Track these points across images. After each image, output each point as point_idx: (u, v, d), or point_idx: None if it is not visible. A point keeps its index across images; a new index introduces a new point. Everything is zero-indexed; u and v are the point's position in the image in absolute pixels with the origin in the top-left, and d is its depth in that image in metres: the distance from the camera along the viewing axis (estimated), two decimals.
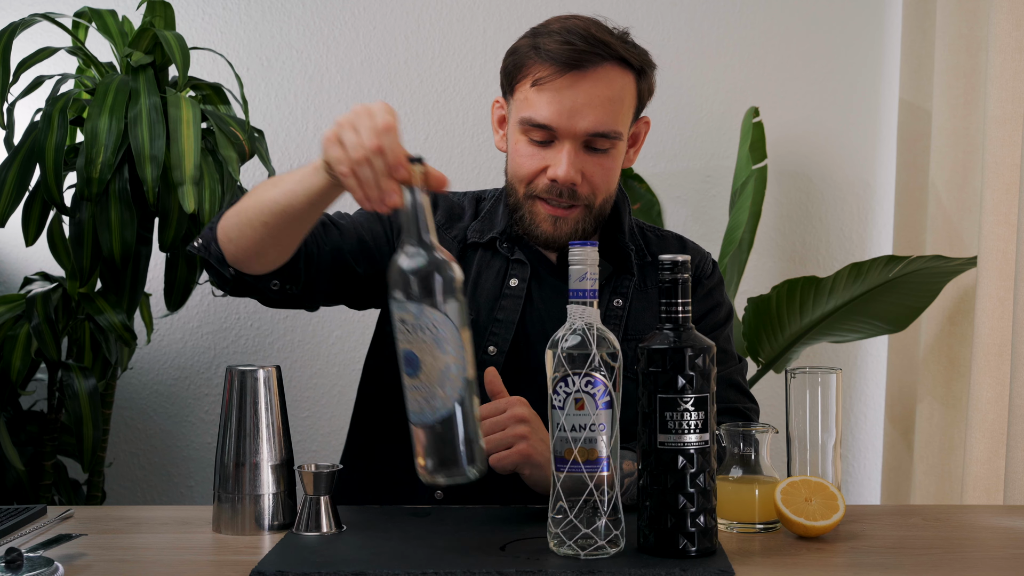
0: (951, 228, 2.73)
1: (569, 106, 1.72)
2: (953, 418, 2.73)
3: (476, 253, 1.88)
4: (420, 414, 1.36)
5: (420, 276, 1.35)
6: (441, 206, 1.93)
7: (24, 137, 2.44)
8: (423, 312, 1.34)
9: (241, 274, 1.71)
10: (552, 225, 1.78)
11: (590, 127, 1.73)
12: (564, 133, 1.73)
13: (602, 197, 1.79)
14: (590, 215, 1.79)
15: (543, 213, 1.78)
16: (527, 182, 1.78)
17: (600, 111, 1.73)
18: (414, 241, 1.37)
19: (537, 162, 1.76)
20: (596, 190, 1.78)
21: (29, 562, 1.33)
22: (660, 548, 1.38)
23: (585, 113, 1.72)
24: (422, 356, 1.34)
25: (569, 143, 1.74)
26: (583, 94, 1.72)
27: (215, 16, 3.03)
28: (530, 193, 1.78)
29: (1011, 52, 2.45)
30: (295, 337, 3.05)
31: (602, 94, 1.73)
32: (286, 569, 1.34)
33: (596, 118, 1.73)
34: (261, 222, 1.61)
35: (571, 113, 1.72)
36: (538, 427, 1.60)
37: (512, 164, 1.81)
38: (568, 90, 1.72)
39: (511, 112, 1.81)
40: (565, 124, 1.73)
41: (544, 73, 1.73)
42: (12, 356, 2.45)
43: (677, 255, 1.41)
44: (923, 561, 1.40)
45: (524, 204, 1.80)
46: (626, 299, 1.84)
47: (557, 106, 1.72)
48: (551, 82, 1.73)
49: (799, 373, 1.63)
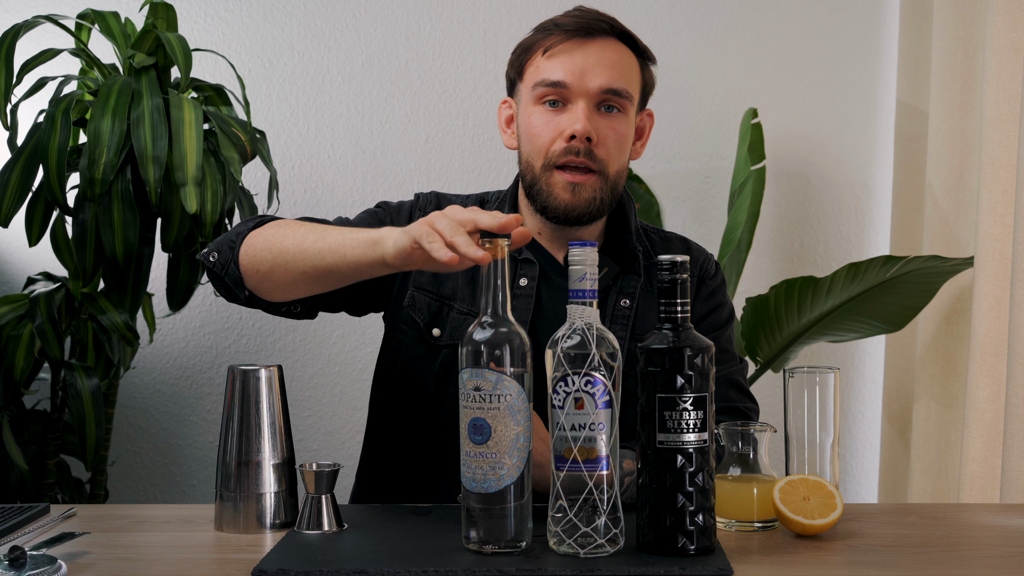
0: (948, 228, 2.74)
1: (580, 64, 1.78)
2: (950, 417, 2.74)
3: None
4: (482, 482, 1.38)
5: (500, 347, 1.38)
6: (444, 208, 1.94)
7: (27, 138, 2.45)
8: (501, 381, 1.37)
9: (255, 297, 1.75)
10: (571, 193, 1.79)
11: (603, 83, 1.78)
12: (577, 91, 1.78)
13: (615, 167, 1.81)
14: (606, 184, 1.80)
15: (561, 181, 1.79)
16: (545, 151, 1.80)
17: (610, 70, 1.79)
18: (495, 312, 1.41)
19: (552, 129, 1.79)
20: (609, 155, 1.80)
21: (32, 560, 1.33)
22: (659, 546, 1.39)
23: (597, 72, 1.78)
24: (494, 424, 1.37)
25: (583, 102, 1.78)
26: (593, 55, 1.79)
27: (217, 18, 3.04)
28: (548, 163, 1.80)
29: (1007, 53, 2.45)
30: (296, 337, 3.06)
31: (610, 57, 1.80)
32: (288, 567, 1.34)
33: (607, 76, 1.78)
34: (300, 270, 1.66)
35: (582, 72, 1.78)
36: (538, 427, 1.61)
37: (528, 138, 1.82)
38: (578, 51, 1.79)
39: (522, 94, 1.85)
40: (577, 82, 1.78)
41: (553, 41, 1.80)
42: (16, 356, 2.46)
43: (676, 255, 1.42)
44: (920, 559, 1.40)
45: (541, 178, 1.81)
46: (633, 299, 1.85)
47: (569, 65, 1.78)
48: (561, 46, 1.79)
49: (797, 372, 1.63)
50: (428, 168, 3.05)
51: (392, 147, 3.05)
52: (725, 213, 2.98)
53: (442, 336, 1.83)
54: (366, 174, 3.05)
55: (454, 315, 1.84)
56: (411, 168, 3.05)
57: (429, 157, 3.05)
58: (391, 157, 3.05)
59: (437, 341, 1.84)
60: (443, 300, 1.85)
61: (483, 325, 1.40)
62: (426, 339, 1.84)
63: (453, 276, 1.86)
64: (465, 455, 1.40)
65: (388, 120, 3.05)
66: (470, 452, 1.39)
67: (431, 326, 1.84)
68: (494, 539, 1.39)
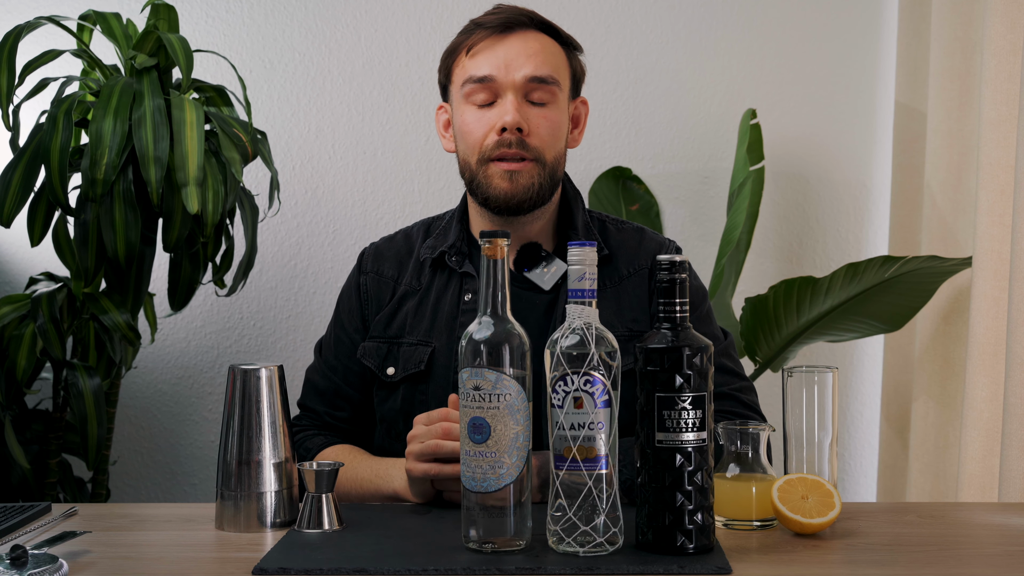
0: (946, 229, 2.74)
1: (503, 58, 1.82)
2: (948, 417, 2.74)
3: (435, 277, 1.91)
4: (482, 481, 1.39)
5: (500, 346, 1.39)
6: (387, 257, 1.97)
7: (29, 139, 2.46)
8: (500, 380, 1.38)
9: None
10: (508, 181, 1.81)
11: (528, 72, 1.81)
12: (504, 84, 1.81)
13: (551, 153, 1.83)
14: (543, 171, 1.82)
15: (498, 172, 1.82)
16: (479, 147, 1.83)
17: (534, 59, 1.82)
18: (493, 312, 1.41)
19: (484, 125, 1.82)
20: (543, 143, 1.82)
21: (34, 559, 1.33)
22: (658, 545, 1.39)
23: (520, 63, 1.82)
24: (493, 424, 1.38)
25: (511, 93, 1.81)
26: (515, 48, 1.83)
27: (218, 19, 3.05)
28: (483, 157, 1.82)
29: (1005, 54, 2.45)
30: (297, 336, 3.06)
31: (533, 47, 1.83)
32: (288, 566, 1.35)
33: (532, 65, 1.82)
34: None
35: (507, 64, 1.82)
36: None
37: (462, 136, 1.85)
38: (500, 46, 1.83)
39: (453, 96, 1.88)
40: (503, 74, 1.81)
41: (475, 39, 1.84)
42: (18, 355, 2.46)
43: (674, 256, 1.43)
44: (918, 558, 1.41)
45: (479, 171, 1.83)
46: None
47: (493, 60, 1.82)
48: (483, 43, 1.83)
49: (796, 372, 1.64)
50: (428, 169, 3.05)
51: (392, 148, 3.06)
52: (724, 213, 2.99)
53: (396, 372, 1.87)
54: (367, 174, 3.06)
55: (404, 348, 1.88)
56: (411, 169, 3.06)
57: (429, 158, 3.06)
58: (391, 158, 3.06)
59: (392, 379, 1.87)
60: (391, 340, 1.90)
61: (483, 324, 1.41)
62: (384, 381, 1.88)
63: (401, 316, 1.90)
64: (465, 454, 1.41)
65: (388, 121, 3.06)
66: (470, 451, 1.40)
67: (384, 367, 1.88)
68: (494, 538, 1.39)
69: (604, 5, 3.02)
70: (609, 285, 1.88)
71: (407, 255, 1.96)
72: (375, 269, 1.96)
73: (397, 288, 1.93)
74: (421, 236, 1.97)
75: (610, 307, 1.85)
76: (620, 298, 1.87)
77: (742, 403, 1.84)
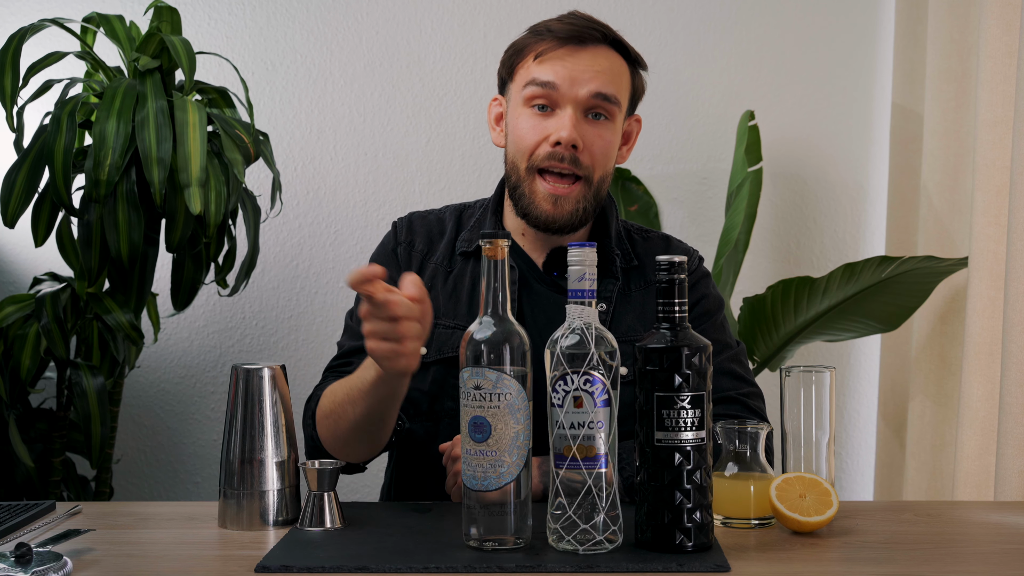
0: (943, 229, 2.75)
1: (571, 71, 1.80)
2: (945, 416, 2.75)
3: (468, 264, 1.91)
4: (482, 480, 1.40)
5: (500, 345, 1.40)
6: (419, 231, 1.96)
7: (33, 140, 2.46)
8: (501, 379, 1.39)
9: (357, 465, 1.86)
10: (552, 204, 1.81)
11: (592, 90, 1.80)
12: (565, 97, 1.80)
13: (600, 173, 1.83)
14: (589, 191, 1.82)
15: (543, 192, 1.81)
16: (529, 153, 1.82)
17: (600, 77, 1.81)
18: (495, 312, 1.42)
19: (539, 132, 1.81)
20: (595, 161, 1.82)
21: (38, 557, 1.34)
22: (657, 543, 1.40)
23: (586, 79, 1.80)
24: (494, 423, 1.39)
25: (571, 107, 1.80)
26: (583, 63, 1.81)
27: (221, 21, 3.06)
28: (532, 166, 1.82)
29: (1001, 56, 2.46)
30: (300, 336, 3.07)
31: (601, 65, 1.82)
32: (290, 564, 1.35)
33: (597, 82, 1.80)
34: (352, 430, 1.76)
35: (572, 79, 1.80)
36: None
37: (514, 139, 1.85)
38: (569, 58, 1.81)
39: (512, 94, 1.86)
40: (567, 87, 1.80)
41: (545, 47, 1.82)
42: (22, 355, 2.47)
43: (674, 256, 1.43)
44: (915, 556, 1.42)
45: (525, 181, 1.83)
46: (610, 303, 1.86)
47: (560, 70, 1.80)
48: (552, 52, 1.81)
49: (793, 371, 1.64)
50: (429, 170, 3.07)
51: (393, 149, 3.07)
52: (722, 214, 3.00)
53: (429, 353, 1.84)
54: (368, 175, 3.07)
55: (440, 331, 1.86)
56: (412, 170, 3.07)
57: (430, 159, 3.07)
58: (392, 159, 3.07)
59: (424, 359, 1.86)
60: None
61: (483, 324, 1.42)
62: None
63: (433, 295, 1.89)
64: (466, 453, 1.41)
65: (390, 122, 3.07)
66: (470, 450, 1.41)
67: None
68: (494, 536, 1.41)
69: (603, 6, 3.03)
70: (635, 291, 1.89)
71: (438, 236, 1.95)
72: (408, 240, 1.95)
73: (425, 264, 1.92)
74: (453, 222, 1.96)
75: (635, 314, 1.86)
76: (645, 305, 1.88)
77: (748, 408, 1.84)
